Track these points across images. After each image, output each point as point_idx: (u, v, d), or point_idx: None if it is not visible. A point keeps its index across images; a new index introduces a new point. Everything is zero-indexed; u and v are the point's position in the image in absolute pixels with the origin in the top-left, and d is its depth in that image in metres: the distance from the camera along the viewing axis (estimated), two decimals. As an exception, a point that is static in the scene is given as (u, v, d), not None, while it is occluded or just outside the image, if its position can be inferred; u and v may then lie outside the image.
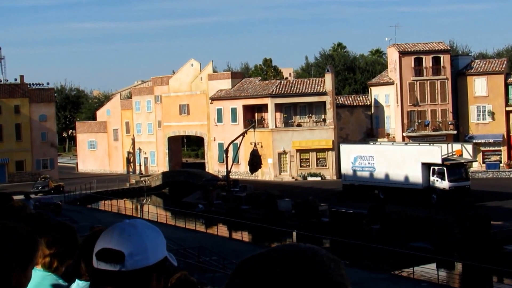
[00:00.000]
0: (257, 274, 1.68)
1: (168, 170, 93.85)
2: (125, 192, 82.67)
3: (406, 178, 62.47)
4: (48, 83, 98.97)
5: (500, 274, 38.70)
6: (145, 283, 2.72)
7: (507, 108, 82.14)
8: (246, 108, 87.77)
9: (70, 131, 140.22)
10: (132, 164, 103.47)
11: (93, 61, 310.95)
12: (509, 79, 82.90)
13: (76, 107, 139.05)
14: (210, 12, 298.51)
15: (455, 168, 60.79)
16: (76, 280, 3.99)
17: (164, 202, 79.33)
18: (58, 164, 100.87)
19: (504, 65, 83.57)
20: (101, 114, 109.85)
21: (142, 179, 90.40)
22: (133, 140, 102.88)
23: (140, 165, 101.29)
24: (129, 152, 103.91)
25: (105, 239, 2.75)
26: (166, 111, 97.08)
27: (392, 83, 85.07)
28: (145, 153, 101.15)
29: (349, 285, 1.72)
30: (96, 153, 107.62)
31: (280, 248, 1.75)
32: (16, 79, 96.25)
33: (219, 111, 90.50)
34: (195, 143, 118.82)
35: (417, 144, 67.21)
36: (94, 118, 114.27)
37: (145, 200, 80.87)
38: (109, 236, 2.75)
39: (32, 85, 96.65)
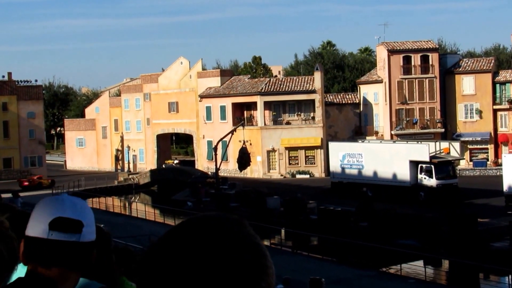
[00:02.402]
0: (164, 252, 1.65)
1: (156, 167, 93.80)
2: (114, 189, 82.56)
3: (394, 175, 62.73)
4: (36, 80, 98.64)
5: (487, 271, 38.95)
6: (88, 259, 2.65)
7: (495, 107, 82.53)
8: (235, 106, 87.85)
9: (59, 129, 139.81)
10: (120, 162, 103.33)
11: (82, 58, 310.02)
12: (497, 78, 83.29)
13: (64, 104, 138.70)
14: (200, 10, 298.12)
15: (442, 166, 61.09)
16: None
17: (152, 200, 79.28)
18: (46, 161, 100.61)
19: (491, 64, 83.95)
20: (89, 111, 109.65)
21: (130, 176, 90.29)
22: (122, 137, 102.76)
23: (128, 163, 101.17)
24: (117, 150, 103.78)
25: (56, 209, 2.60)
26: (155, 108, 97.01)
27: (380, 81, 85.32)
28: (134, 150, 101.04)
29: (260, 242, 1.70)
30: (84, 151, 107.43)
31: (183, 222, 1.71)
32: (3, 76, 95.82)
33: (208, 109, 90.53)
34: (184, 141, 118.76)
35: (405, 142, 67.50)
36: (82, 115, 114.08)
37: (133, 198, 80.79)
38: (60, 206, 2.61)
39: (20, 82, 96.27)
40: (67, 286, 2.64)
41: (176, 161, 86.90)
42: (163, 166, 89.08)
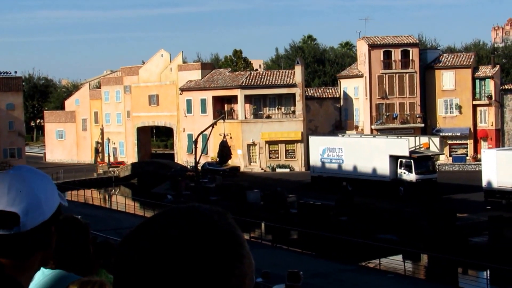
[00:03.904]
0: (144, 240, 1.65)
1: (137, 160, 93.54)
2: (93, 182, 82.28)
3: (374, 170, 62.91)
4: (16, 72, 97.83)
5: (465, 265, 39.17)
6: (44, 240, 2.43)
7: (474, 102, 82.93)
8: (216, 99, 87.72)
9: (38, 121, 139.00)
10: (100, 154, 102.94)
11: (62, 50, 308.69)
12: (477, 73, 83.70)
13: (44, 96, 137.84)
14: (181, 3, 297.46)
15: (422, 161, 61.35)
16: (41, 268, 4.01)
17: (132, 193, 79.09)
18: (26, 153, 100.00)
19: (471, 59, 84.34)
20: (69, 103, 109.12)
21: (110, 169, 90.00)
22: (102, 130, 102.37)
23: (108, 155, 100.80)
24: (97, 142, 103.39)
25: None
26: (135, 101, 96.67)
27: (361, 76, 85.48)
28: (114, 143, 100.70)
29: (239, 232, 1.70)
30: (64, 143, 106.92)
31: (162, 212, 1.71)
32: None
33: (189, 102, 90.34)
34: (164, 134, 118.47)
35: (385, 137, 67.68)
36: (62, 107, 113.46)
37: (113, 191, 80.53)
38: None
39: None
40: (31, 270, 2.47)
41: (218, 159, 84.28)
42: (206, 163, 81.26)
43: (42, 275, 3.85)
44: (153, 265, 1.61)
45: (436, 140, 64.51)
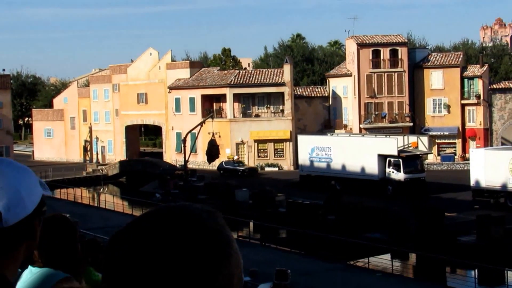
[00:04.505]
0: (132, 238, 1.66)
1: (125, 159, 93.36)
2: (82, 180, 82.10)
3: (363, 169, 63.02)
4: (4, 70, 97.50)
5: (453, 265, 39.28)
6: (28, 232, 2.34)
7: (463, 101, 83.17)
8: (205, 97, 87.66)
9: (26, 119, 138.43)
10: (89, 153, 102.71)
11: (50, 48, 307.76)
12: (465, 73, 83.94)
13: (32, 94, 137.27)
14: (169, 1, 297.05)
15: (410, 160, 61.50)
16: (29, 266, 4.01)
17: (121, 191, 78.96)
18: (14, 152, 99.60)
19: (460, 59, 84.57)
20: (58, 102, 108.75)
21: (99, 167, 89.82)
22: (90, 128, 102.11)
23: (97, 154, 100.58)
24: (86, 141, 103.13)
25: None
26: (124, 99, 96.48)
27: (350, 75, 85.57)
28: (103, 141, 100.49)
29: (227, 232, 1.70)
30: (52, 141, 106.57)
31: (151, 211, 1.72)
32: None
33: (177, 101, 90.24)
34: (153, 132, 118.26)
35: (374, 136, 67.84)
36: (50, 105, 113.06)
37: (102, 189, 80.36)
38: None
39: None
40: (15, 262, 2.38)
41: (236, 157, 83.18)
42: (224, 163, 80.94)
43: (30, 273, 3.85)
44: (142, 263, 1.62)
45: (425, 139, 64.67)
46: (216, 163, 77.46)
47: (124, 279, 1.64)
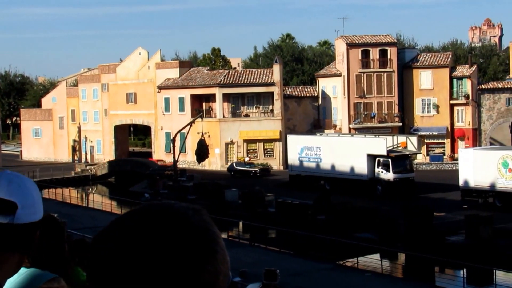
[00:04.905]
0: (117, 235, 1.66)
1: (114, 159, 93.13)
2: (70, 180, 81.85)
3: (352, 169, 63.07)
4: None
5: (442, 264, 39.34)
6: (29, 240, 2.49)
7: (452, 101, 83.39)
8: (194, 97, 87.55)
9: (14, 118, 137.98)
10: (77, 153, 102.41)
11: (39, 48, 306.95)
12: (454, 73, 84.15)
13: (20, 94, 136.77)
14: (159, 1, 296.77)
15: (399, 160, 61.61)
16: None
17: (109, 191, 78.75)
18: (2, 151, 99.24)
19: (449, 59, 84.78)
20: (46, 101, 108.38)
21: (87, 167, 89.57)
22: (79, 128, 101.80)
23: (86, 154, 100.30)
24: (74, 141, 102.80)
25: None
26: (112, 99, 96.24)
27: (339, 75, 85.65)
28: (91, 141, 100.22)
29: (213, 229, 1.69)
30: (41, 141, 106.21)
31: (136, 208, 1.71)
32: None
33: (167, 100, 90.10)
34: (142, 132, 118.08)
35: (363, 136, 67.92)
36: (39, 105, 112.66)
37: (90, 189, 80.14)
38: None
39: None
40: (6, 268, 2.49)
41: (247, 159, 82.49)
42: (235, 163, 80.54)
43: (17, 273, 3.80)
44: (126, 260, 1.61)
45: (414, 139, 64.78)
46: (206, 163, 77.36)
47: (109, 276, 1.63)
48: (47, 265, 3.88)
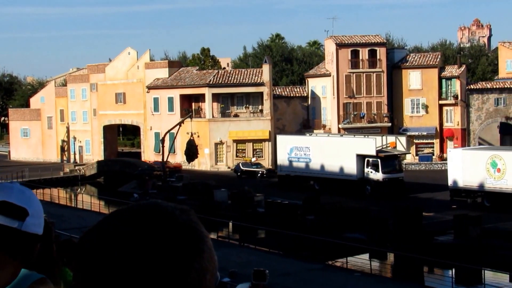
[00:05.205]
0: (104, 236, 1.66)
1: (103, 159, 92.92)
2: (59, 181, 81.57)
3: (341, 169, 63.10)
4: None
5: (431, 264, 39.40)
6: (31, 250, 2.61)
7: (440, 102, 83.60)
8: (183, 97, 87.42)
9: (3, 118, 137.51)
10: (66, 153, 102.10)
11: (27, 47, 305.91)
12: (443, 73, 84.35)
13: (8, 93, 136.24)
14: (148, 0, 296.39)
15: (389, 160, 61.68)
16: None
17: (98, 192, 78.52)
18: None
19: (438, 59, 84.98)
20: (35, 101, 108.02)
21: (76, 168, 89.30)
22: (68, 128, 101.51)
23: (74, 154, 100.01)
24: (63, 141, 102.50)
25: (2, 193, 2.56)
26: (101, 99, 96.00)
27: (328, 75, 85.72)
28: (80, 141, 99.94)
29: (200, 228, 1.70)
30: (29, 141, 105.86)
31: (123, 208, 1.72)
32: None
33: (156, 100, 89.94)
34: (131, 132, 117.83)
35: (352, 136, 67.96)
36: (27, 105, 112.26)
37: (79, 189, 79.90)
38: (7, 191, 2.57)
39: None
40: (4, 274, 2.56)
41: (253, 159, 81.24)
42: (241, 165, 79.15)
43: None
44: (113, 259, 1.63)
45: (403, 139, 64.88)
46: (196, 163, 77.24)
47: (96, 275, 1.63)
48: (34, 266, 3.83)
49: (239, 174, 76.40)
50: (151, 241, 1.62)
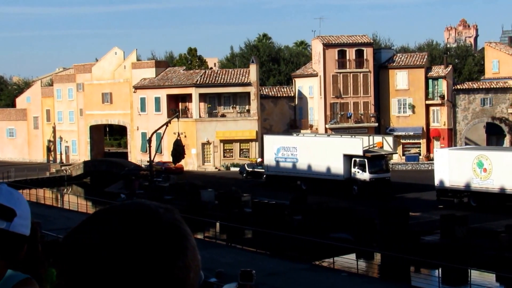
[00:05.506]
0: (88, 235, 1.67)
1: (90, 159, 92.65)
2: (45, 181, 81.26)
3: (328, 169, 63.14)
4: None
5: (418, 264, 39.49)
6: (18, 251, 2.64)
7: (427, 102, 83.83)
8: (170, 97, 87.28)
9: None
10: (52, 153, 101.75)
11: (13, 47, 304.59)
12: (429, 73, 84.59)
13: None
14: (135, 0, 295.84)
15: (375, 160, 61.76)
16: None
17: (85, 192, 78.28)
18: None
19: (424, 59, 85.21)
20: (20, 101, 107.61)
21: (62, 168, 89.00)
22: (54, 128, 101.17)
23: (61, 154, 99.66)
24: (49, 141, 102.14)
25: None
26: (88, 99, 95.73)
27: (316, 75, 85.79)
28: (66, 141, 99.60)
29: (184, 226, 1.71)
30: (15, 141, 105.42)
31: (107, 207, 1.73)
32: None
33: (143, 100, 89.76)
34: (118, 132, 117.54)
35: (339, 136, 68.03)
36: (13, 105, 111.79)
37: (65, 190, 79.62)
38: None
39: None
40: None
41: (259, 159, 79.23)
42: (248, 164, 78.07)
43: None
44: (98, 256, 1.64)
45: (390, 139, 64.99)
46: (182, 163, 77.10)
47: (81, 273, 1.65)
48: (20, 266, 3.81)
49: (244, 175, 75.11)
50: (135, 239, 1.63)
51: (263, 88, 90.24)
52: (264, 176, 70.43)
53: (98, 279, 1.62)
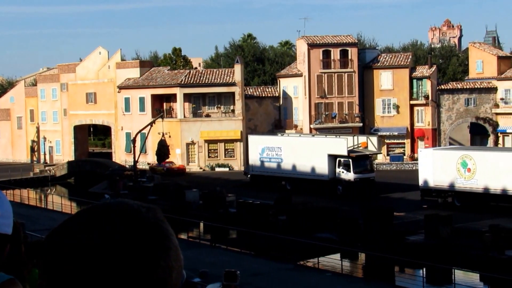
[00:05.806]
0: (70, 235, 1.66)
1: (74, 159, 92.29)
2: (29, 181, 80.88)
3: (313, 169, 63.21)
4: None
5: (402, 264, 39.60)
6: (0, 250, 2.58)
7: (411, 102, 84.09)
8: (155, 97, 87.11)
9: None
10: (36, 153, 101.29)
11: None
12: (414, 73, 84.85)
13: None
14: (119, 0, 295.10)
15: (360, 160, 61.89)
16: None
17: (69, 192, 78.00)
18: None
19: (409, 59, 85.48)
20: (4, 101, 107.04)
21: (46, 168, 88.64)
22: (38, 128, 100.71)
23: (44, 154, 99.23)
24: (33, 141, 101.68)
25: None
26: (72, 99, 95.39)
27: (300, 75, 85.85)
28: (50, 142, 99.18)
29: (166, 226, 1.70)
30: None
31: (89, 206, 1.73)
32: None
33: (127, 100, 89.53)
34: (102, 132, 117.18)
35: (324, 136, 68.14)
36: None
37: (49, 190, 79.30)
38: None
39: None
40: None
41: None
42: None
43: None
44: (79, 256, 1.64)
45: (374, 139, 65.13)
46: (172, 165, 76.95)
47: (63, 273, 1.64)
48: (2, 267, 3.77)
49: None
50: (118, 238, 1.63)
51: (248, 88, 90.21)
52: (249, 176, 70.22)
53: (80, 279, 1.60)
